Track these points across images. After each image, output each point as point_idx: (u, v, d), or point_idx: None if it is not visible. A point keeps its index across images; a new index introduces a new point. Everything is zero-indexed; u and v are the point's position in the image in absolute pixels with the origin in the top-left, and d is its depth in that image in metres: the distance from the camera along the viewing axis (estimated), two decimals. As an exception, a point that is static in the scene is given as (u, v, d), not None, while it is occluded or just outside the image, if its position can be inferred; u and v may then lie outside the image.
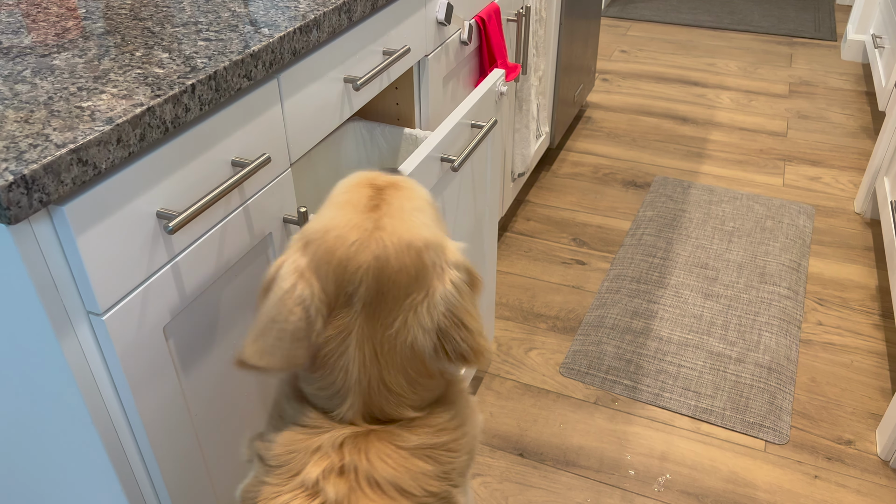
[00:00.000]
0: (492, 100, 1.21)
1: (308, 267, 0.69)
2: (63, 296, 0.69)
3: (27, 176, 0.60)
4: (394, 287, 0.69)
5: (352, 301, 0.69)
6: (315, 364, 0.71)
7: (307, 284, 0.69)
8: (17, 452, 0.87)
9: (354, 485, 0.69)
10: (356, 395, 0.71)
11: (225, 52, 0.82)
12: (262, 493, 0.71)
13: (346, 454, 0.70)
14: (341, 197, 0.73)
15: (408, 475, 0.71)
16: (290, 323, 0.69)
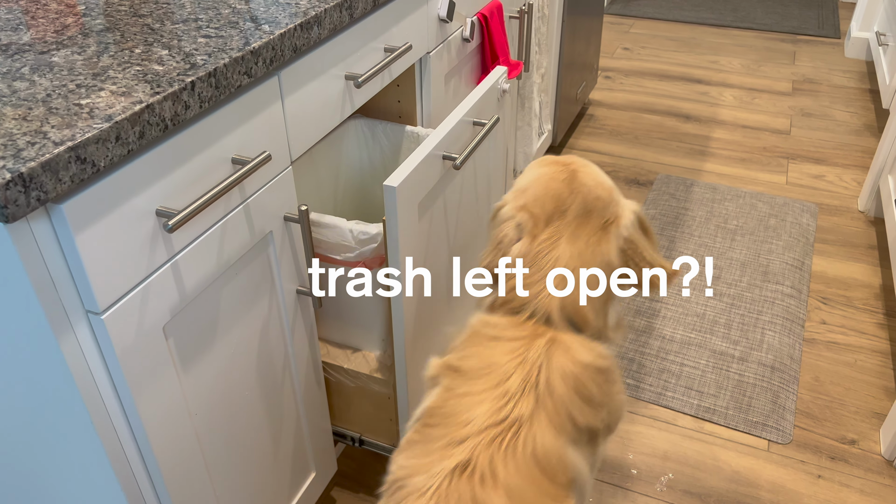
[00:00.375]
0: (494, 97, 1.20)
1: (525, 202, 0.93)
2: (62, 295, 0.69)
3: (25, 174, 0.59)
4: (594, 208, 0.91)
5: (565, 214, 0.91)
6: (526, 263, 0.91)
7: (525, 213, 0.92)
8: (16, 452, 0.87)
9: (538, 403, 0.81)
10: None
11: (225, 48, 0.82)
12: (461, 403, 0.81)
13: (537, 369, 0.83)
14: (534, 167, 0.97)
15: (576, 399, 0.83)
16: (509, 239, 0.92)
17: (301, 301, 1.06)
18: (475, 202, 1.28)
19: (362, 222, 1.07)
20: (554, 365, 0.83)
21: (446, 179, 1.12)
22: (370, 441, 1.31)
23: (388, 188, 0.94)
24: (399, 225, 0.98)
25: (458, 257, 1.27)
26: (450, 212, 1.17)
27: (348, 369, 1.21)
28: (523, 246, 0.90)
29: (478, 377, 0.83)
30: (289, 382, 1.09)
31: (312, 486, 1.24)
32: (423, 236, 1.08)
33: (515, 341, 0.85)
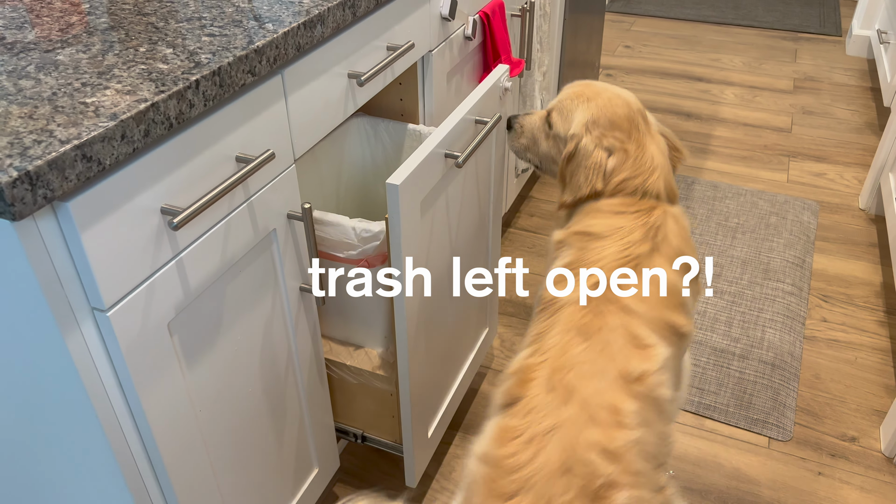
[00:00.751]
0: (496, 95, 1.21)
1: (601, 131, 1.12)
2: (68, 292, 0.69)
3: (31, 172, 0.60)
4: (643, 116, 1.16)
5: (636, 127, 1.13)
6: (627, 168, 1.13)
7: (608, 139, 1.12)
8: (22, 448, 0.87)
9: (656, 248, 1.04)
10: (661, 171, 1.12)
11: (229, 47, 0.82)
12: (592, 252, 1.02)
13: (655, 228, 1.06)
14: (583, 97, 1.17)
15: (685, 247, 1.08)
16: (601, 166, 1.11)
17: (304, 298, 1.07)
18: (477, 200, 1.29)
19: (365, 220, 1.07)
20: (669, 224, 1.07)
21: (448, 178, 1.13)
22: (372, 438, 1.31)
23: (391, 186, 0.95)
24: (401, 223, 0.98)
25: (460, 255, 1.27)
26: (452, 210, 1.17)
27: (351, 366, 1.21)
28: (618, 158, 1.10)
29: (605, 236, 1.05)
30: (292, 379, 1.10)
31: (315, 482, 1.24)
32: (425, 234, 1.09)
33: (637, 211, 1.07)
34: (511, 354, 1.75)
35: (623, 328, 0.94)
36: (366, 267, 1.11)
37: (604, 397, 0.87)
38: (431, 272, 1.15)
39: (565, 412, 0.86)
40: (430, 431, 1.32)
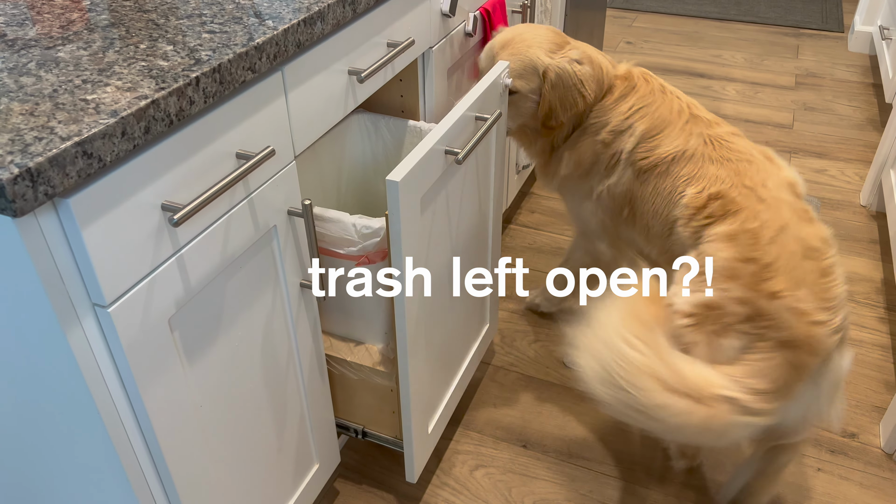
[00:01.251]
0: (496, 92, 1.21)
1: (559, 54, 1.32)
2: (69, 288, 0.70)
3: (32, 169, 0.60)
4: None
5: (566, 38, 1.35)
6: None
7: (570, 56, 1.31)
8: (24, 443, 0.88)
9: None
10: (603, 56, 1.35)
11: (229, 44, 0.82)
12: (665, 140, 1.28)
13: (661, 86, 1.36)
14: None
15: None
16: (583, 75, 1.30)
17: (305, 294, 1.07)
18: (477, 197, 1.29)
19: (365, 217, 1.08)
20: (656, 78, 1.37)
21: (449, 174, 1.13)
22: (373, 433, 1.32)
23: (391, 183, 0.95)
24: (402, 219, 0.99)
25: (460, 251, 1.28)
26: (452, 206, 1.17)
27: (351, 362, 1.22)
28: (587, 65, 1.34)
29: (658, 117, 1.31)
30: (293, 375, 1.10)
31: (316, 477, 1.25)
32: (425, 231, 1.09)
33: (634, 89, 1.35)
34: (511, 350, 1.76)
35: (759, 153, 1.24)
36: (366, 263, 1.11)
37: (797, 203, 1.15)
38: (432, 268, 1.15)
39: (785, 214, 1.11)
40: (431, 427, 1.32)
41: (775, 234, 1.09)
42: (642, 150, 1.28)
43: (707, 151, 1.23)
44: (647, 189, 1.29)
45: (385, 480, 1.46)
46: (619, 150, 1.31)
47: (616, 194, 1.35)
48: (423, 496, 1.43)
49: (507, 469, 1.48)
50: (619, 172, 1.32)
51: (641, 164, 1.28)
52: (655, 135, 1.28)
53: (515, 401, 1.63)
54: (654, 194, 1.28)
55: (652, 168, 1.27)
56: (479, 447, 1.53)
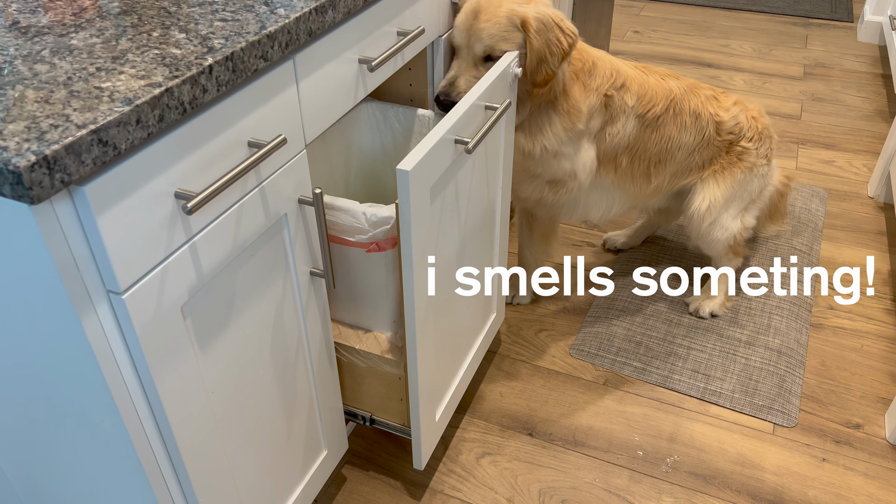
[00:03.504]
0: (506, 81, 1.21)
1: (531, 4, 1.36)
2: (84, 275, 0.70)
3: (49, 156, 0.61)
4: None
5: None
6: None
7: (542, 4, 1.37)
8: (38, 428, 0.89)
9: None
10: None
11: (241, 32, 0.83)
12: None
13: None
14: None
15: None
16: (563, 18, 1.33)
17: (315, 282, 1.08)
18: (486, 186, 1.29)
19: (375, 205, 1.08)
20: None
21: (458, 163, 1.13)
22: (381, 420, 1.33)
23: (402, 172, 0.95)
24: (412, 208, 0.99)
25: (469, 240, 1.28)
26: (461, 195, 1.18)
27: (360, 350, 1.23)
28: (557, 9, 1.41)
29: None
30: (302, 362, 1.11)
31: (324, 463, 1.26)
32: (434, 219, 1.09)
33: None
34: (517, 339, 1.77)
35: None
36: (376, 251, 1.12)
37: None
38: (440, 257, 1.16)
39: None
40: (438, 415, 1.33)
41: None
42: (642, 106, 1.47)
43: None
44: (655, 135, 1.51)
45: (392, 467, 1.47)
46: (623, 103, 1.45)
47: (617, 141, 1.48)
48: (429, 483, 1.44)
49: (513, 457, 1.49)
50: (623, 122, 1.45)
51: (648, 116, 1.48)
52: (646, 93, 1.48)
53: (521, 389, 1.64)
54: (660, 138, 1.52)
55: (654, 119, 1.49)
56: (485, 435, 1.54)
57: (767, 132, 1.65)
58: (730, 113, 1.57)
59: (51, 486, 0.99)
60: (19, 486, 1.04)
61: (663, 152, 1.53)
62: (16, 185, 0.59)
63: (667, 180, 1.61)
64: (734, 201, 1.65)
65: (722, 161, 1.61)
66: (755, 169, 1.63)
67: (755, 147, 1.61)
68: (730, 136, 1.58)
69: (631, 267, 1.98)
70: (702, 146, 1.57)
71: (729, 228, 1.68)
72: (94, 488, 0.94)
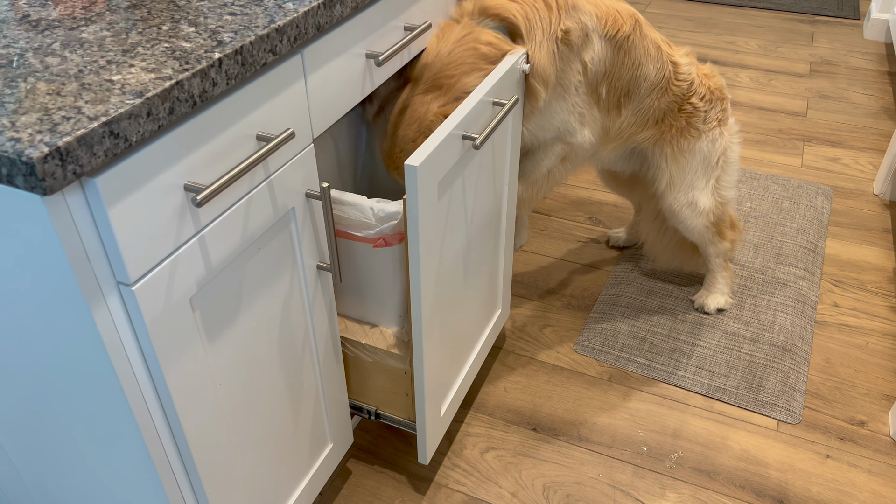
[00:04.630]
0: (514, 77, 1.21)
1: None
2: (94, 266, 0.71)
3: (62, 148, 0.61)
4: None
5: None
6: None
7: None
8: (48, 419, 0.90)
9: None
10: None
11: (250, 26, 0.83)
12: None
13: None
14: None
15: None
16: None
17: (321, 276, 1.08)
18: (492, 182, 1.29)
19: (383, 200, 1.09)
20: None
21: (466, 159, 1.13)
22: (385, 414, 1.33)
23: (410, 167, 0.95)
24: (419, 204, 0.99)
25: (475, 236, 1.28)
26: (468, 191, 1.18)
27: (366, 344, 1.23)
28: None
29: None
30: (308, 355, 1.12)
31: (329, 457, 1.27)
32: (441, 215, 1.10)
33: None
34: (522, 335, 1.77)
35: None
36: (383, 246, 1.12)
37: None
38: (447, 253, 1.16)
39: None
40: (443, 410, 1.34)
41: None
42: (608, 26, 1.35)
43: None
44: (627, 58, 1.40)
45: (397, 461, 1.48)
46: (583, 25, 1.32)
47: (596, 68, 1.38)
48: (434, 477, 1.45)
49: (517, 451, 1.50)
50: (593, 49, 1.35)
51: (618, 37, 1.36)
52: (607, 13, 1.36)
53: (526, 385, 1.64)
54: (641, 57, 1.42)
55: (625, 39, 1.37)
56: (489, 430, 1.54)
57: (720, 94, 1.56)
58: (683, 60, 1.49)
59: (60, 476, 1.00)
60: (28, 478, 1.05)
61: (632, 82, 1.43)
62: (29, 176, 0.60)
63: (629, 120, 1.50)
64: (696, 175, 1.59)
65: (673, 123, 1.52)
66: (703, 135, 1.55)
67: (704, 109, 1.53)
68: (683, 84, 1.48)
69: (635, 264, 1.98)
70: (660, 88, 1.46)
71: (699, 206, 1.61)
72: (104, 480, 0.95)
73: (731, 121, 1.62)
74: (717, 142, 1.58)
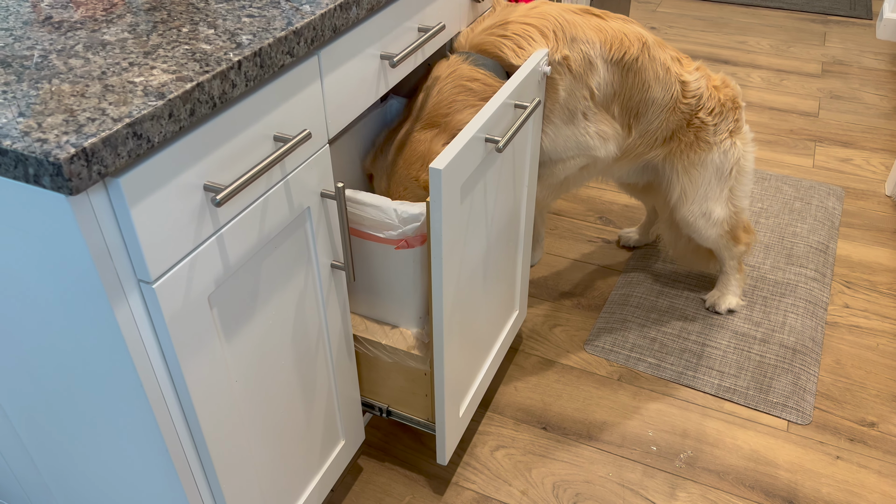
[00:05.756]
0: (535, 80, 1.22)
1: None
2: (116, 264, 0.72)
3: (87, 149, 0.62)
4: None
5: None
6: None
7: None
8: (68, 416, 0.91)
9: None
10: None
11: (268, 28, 0.84)
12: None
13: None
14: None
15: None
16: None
17: (335, 275, 1.09)
18: (512, 184, 1.30)
19: (405, 202, 1.10)
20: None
21: (487, 162, 1.14)
22: (398, 412, 1.35)
23: (434, 171, 0.96)
24: (443, 206, 1.00)
25: (495, 238, 1.29)
26: (489, 194, 1.19)
27: (386, 345, 1.24)
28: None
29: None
30: (322, 353, 1.13)
31: (341, 453, 1.28)
32: (463, 218, 1.11)
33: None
34: (532, 334, 1.78)
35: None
36: (405, 248, 1.13)
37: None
38: (468, 255, 1.17)
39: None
40: (462, 411, 1.35)
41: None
42: (614, 50, 1.35)
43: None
44: (637, 79, 1.41)
45: (408, 458, 1.49)
46: (586, 53, 1.33)
47: (604, 91, 1.39)
48: (444, 475, 1.46)
49: (527, 450, 1.51)
50: (598, 74, 1.36)
51: (625, 60, 1.37)
52: (612, 37, 1.36)
53: (536, 384, 1.65)
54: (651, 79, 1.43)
55: (633, 61, 1.38)
56: (500, 428, 1.55)
57: (732, 104, 1.54)
58: (693, 76, 1.48)
59: (77, 470, 1.02)
60: (46, 472, 1.07)
61: (641, 104, 1.44)
62: (56, 176, 0.61)
63: (638, 141, 1.51)
64: (709, 187, 1.59)
65: (682, 138, 1.53)
66: (714, 147, 1.54)
67: (713, 122, 1.52)
68: (692, 101, 1.48)
69: (646, 263, 1.99)
70: (668, 108, 1.47)
71: (713, 216, 1.62)
72: (121, 473, 0.96)
73: (745, 129, 1.60)
74: (730, 153, 1.56)
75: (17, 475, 1.13)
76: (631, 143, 1.50)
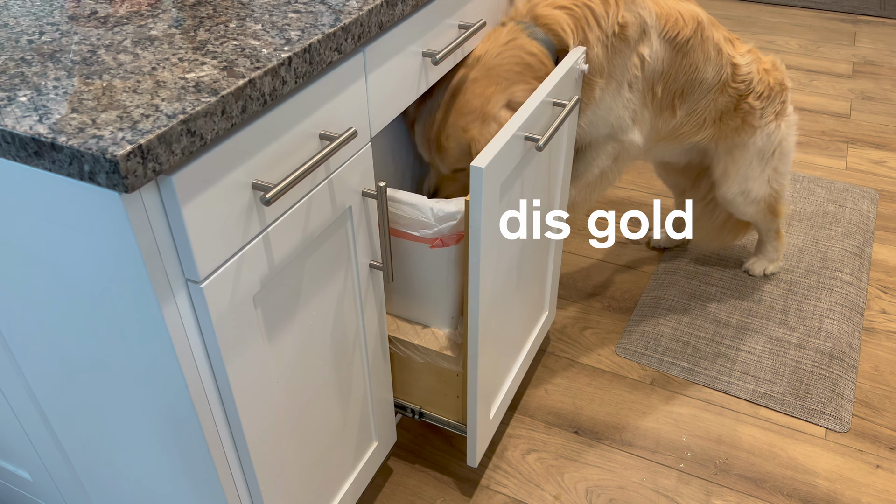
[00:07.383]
0: (573, 77, 1.19)
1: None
2: (165, 263, 0.71)
3: (143, 146, 0.61)
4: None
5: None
6: None
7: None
8: (108, 411, 0.90)
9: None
10: None
11: (316, 24, 0.83)
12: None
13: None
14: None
15: None
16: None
17: (373, 275, 1.08)
18: (547, 182, 1.28)
19: (441, 200, 1.08)
20: None
21: (526, 160, 1.12)
22: (430, 414, 1.33)
23: (476, 169, 0.95)
24: (483, 205, 0.99)
25: (528, 238, 1.27)
26: (526, 192, 1.17)
27: (418, 345, 1.23)
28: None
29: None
30: (358, 353, 1.12)
31: (374, 455, 1.26)
32: (502, 216, 1.09)
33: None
34: (562, 337, 1.76)
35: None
36: (440, 246, 1.12)
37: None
38: (504, 254, 1.15)
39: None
40: (493, 412, 1.33)
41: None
42: (668, 27, 1.33)
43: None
44: (686, 61, 1.38)
45: (437, 461, 1.48)
46: (641, 20, 1.30)
47: (652, 66, 1.36)
48: (475, 478, 1.44)
49: (559, 454, 1.49)
50: (650, 45, 1.33)
51: (678, 39, 1.35)
52: (668, 13, 1.33)
53: (567, 387, 1.63)
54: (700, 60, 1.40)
55: (685, 42, 1.36)
56: (531, 432, 1.53)
57: (780, 86, 1.56)
58: (744, 59, 1.48)
59: (113, 468, 1.01)
60: (81, 471, 1.06)
61: (688, 84, 1.43)
62: (112, 173, 0.60)
63: (684, 121, 1.50)
64: (750, 167, 1.62)
65: (729, 122, 1.53)
66: (759, 130, 1.56)
67: (761, 107, 1.53)
68: (740, 85, 1.48)
69: (676, 266, 1.96)
70: (717, 89, 1.46)
71: (752, 195, 1.66)
72: (159, 473, 0.95)
73: (790, 110, 1.62)
74: (773, 135, 1.59)
75: (53, 475, 1.12)
76: (678, 122, 1.49)
